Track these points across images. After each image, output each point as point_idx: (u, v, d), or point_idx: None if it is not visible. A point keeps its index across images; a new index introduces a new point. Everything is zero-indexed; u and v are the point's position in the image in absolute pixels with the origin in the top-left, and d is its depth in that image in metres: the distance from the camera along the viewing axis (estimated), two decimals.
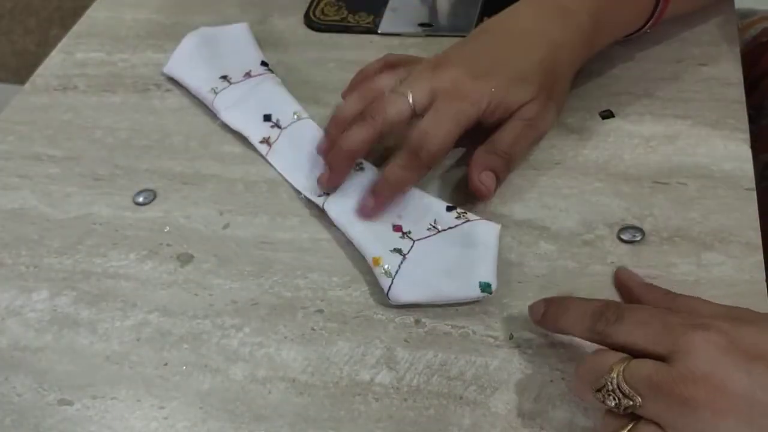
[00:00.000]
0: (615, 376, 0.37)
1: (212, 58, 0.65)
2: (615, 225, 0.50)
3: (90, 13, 0.75)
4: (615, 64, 0.61)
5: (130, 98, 0.65)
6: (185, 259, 0.52)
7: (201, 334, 0.48)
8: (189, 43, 0.67)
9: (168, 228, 0.54)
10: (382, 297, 0.48)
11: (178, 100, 0.64)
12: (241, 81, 0.62)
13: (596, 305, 0.41)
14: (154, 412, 0.44)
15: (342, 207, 0.52)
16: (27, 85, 0.67)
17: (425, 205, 0.52)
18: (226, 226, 0.54)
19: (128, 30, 0.72)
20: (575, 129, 0.57)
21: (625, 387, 0.36)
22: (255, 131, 0.59)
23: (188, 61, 0.66)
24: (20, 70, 1.77)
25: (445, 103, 0.50)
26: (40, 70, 0.69)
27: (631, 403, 0.36)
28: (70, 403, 0.45)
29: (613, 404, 0.37)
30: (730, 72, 0.59)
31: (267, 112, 0.59)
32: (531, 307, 0.45)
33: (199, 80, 0.63)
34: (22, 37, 1.76)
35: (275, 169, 0.57)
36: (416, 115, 0.51)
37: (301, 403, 0.44)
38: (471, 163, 0.52)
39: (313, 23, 0.70)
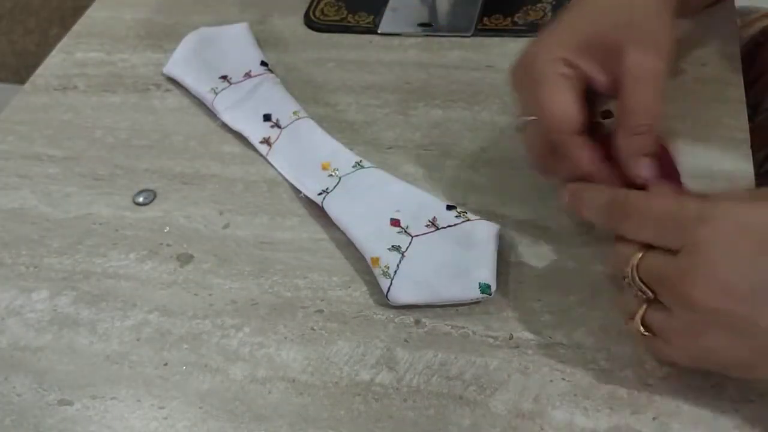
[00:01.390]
0: (630, 270, 0.39)
1: (212, 59, 0.65)
2: None
3: (90, 13, 0.75)
4: None
5: (130, 98, 0.65)
6: (185, 259, 0.52)
7: (201, 334, 0.48)
8: (188, 43, 0.67)
9: (168, 228, 0.54)
10: (381, 297, 0.48)
11: (178, 100, 0.64)
12: (241, 81, 0.62)
13: (604, 200, 0.42)
14: (154, 412, 0.44)
15: (341, 204, 0.52)
16: (27, 85, 0.67)
17: (424, 201, 0.52)
18: (226, 226, 0.54)
19: (128, 30, 0.72)
20: None
21: (638, 282, 0.39)
22: (255, 131, 0.59)
23: (188, 61, 0.66)
24: (20, 70, 1.77)
25: None
26: (40, 70, 0.69)
27: (645, 296, 0.39)
28: (70, 403, 0.45)
29: (634, 293, 0.40)
30: (730, 72, 0.59)
31: (267, 112, 0.60)
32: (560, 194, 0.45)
33: (198, 80, 0.64)
34: (22, 37, 1.76)
35: (275, 168, 0.57)
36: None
37: (300, 403, 0.44)
38: (618, 152, 0.45)
39: (313, 23, 0.70)
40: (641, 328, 0.40)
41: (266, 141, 0.58)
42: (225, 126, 0.60)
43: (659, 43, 0.45)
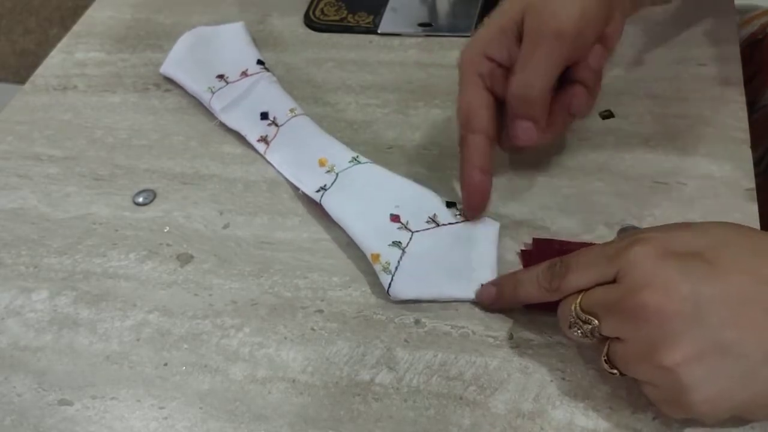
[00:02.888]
0: (573, 308, 0.40)
1: (208, 58, 0.65)
2: (615, 225, 0.50)
3: (90, 12, 0.75)
4: (615, 64, 0.61)
5: (130, 98, 0.65)
6: (185, 259, 0.52)
7: (201, 334, 0.48)
8: (185, 42, 0.67)
9: (168, 228, 0.54)
10: (382, 297, 0.48)
11: (178, 100, 0.64)
12: (238, 80, 0.62)
13: (543, 267, 0.43)
14: (154, 412, 0.44)
15: (339, 200, 0.52)
16: (27, 85, 0.67)
17: (423, 195, 0.52)
18: (226, 226, 0.54)
19: (128, 30, 0.72)
20: (575, 129, 0.57)
21: (581, 314, 0.40)
22: (252, 130, 0.59)
23: (184, 60, 0.65)
24: (20, 70, 1.77)
25: None
26: (40, 70, 0.69)
27: (590, 326, 0.39)
28: (70, 403, 0.45)
29: (579, 333, 0.40)
30: (729, 72, 0.59)
31: (264, 110, 0.60)
32: (480, 294, 0.47)
33: (195, 79, 0.63)
34: (22, 36, 1.76)
35: (273, 166, 0.57)
36: None
37: (301, 403, 0.44)
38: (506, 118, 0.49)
39: (312, 23, 0.70)
40: (606, 367, 0.40)
41: (263, 139, 0.58)
42: (224, 126, 0.60)
43: (561, 13, 0.46)
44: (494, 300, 0.46)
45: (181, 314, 0.49)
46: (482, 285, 0.47)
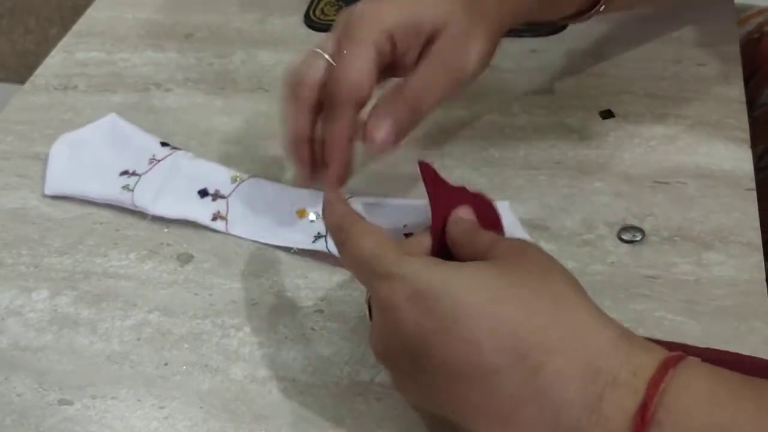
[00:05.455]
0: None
1: (98, 160, 0.58)
2: (615, 225, 0.50)
3: (90, 12, 0.75)
4: (615, 64, 0.61)
5: (130, 98, 0.65)
6: (185, 258, 0.52)
7: (201, 334, 0.48)
8: (60, 154, 0.59)
9: (168, 228, 0.54)
10: None
11: (178, 100, 0.64)
12: (151, 168, 0.56)
13: (335, 221, 0.42)
14: (155, 411, 0.44)
15: None
16: (27, 85, 0.67)
17: (423, 208, 0.51)
18: None
19: (128, 30, 0.72)
20: (575, 129, 0.57)
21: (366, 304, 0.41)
22: (199, 211, 0.54)
23: (71, 172, 0.58)
24: (20, 70, 1.77)
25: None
26: (40, 69, 0.69)
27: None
28: (70, 403, 0.45)
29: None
30: (729, 72, 0.59)
31: (200, 188, 0.55)
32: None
33: (101, 186, 0.56)
34: (22, 36, 1.76)
35: (244, 239, 0.53)
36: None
37: (301, 403, 0.44)
38: (371, 111, 0.46)
39: (313, 23, 0.70)
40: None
41: (217, 216, 0.53)
42: (225, 126, 0.60)
43: (478, 42, 0.45)
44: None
45: (181, 314, 0.49)
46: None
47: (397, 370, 0.39)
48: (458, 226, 0.42)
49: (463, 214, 0.42)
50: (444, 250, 0.42)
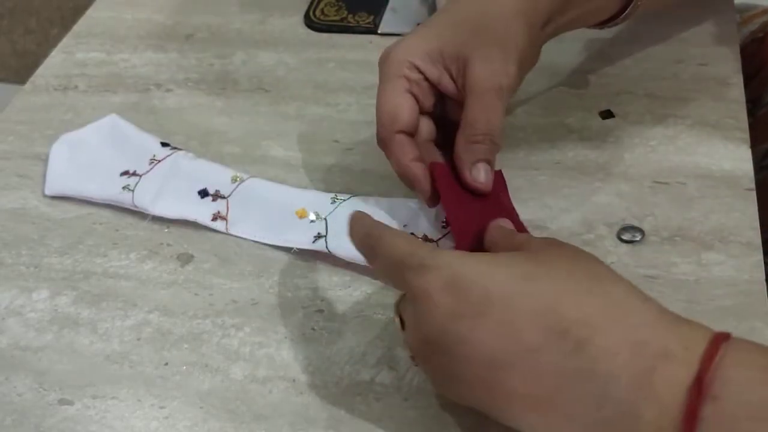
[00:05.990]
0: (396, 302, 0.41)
1: (100, 160, 0.58)
2: (615, 225, 0.50)
3: (90, 13, 0.75)
4: (615, 64, 0.61)
5: (130, 98, 0.65)
6: (185, 258, 0.52)
7: (201, 334, 0.48)
8: (60, 154, 0.59)
9: (168, 228, 0.54)
10: (382, 297, 0.48)
11: (179, 101, 0.64)
12: (151, 169, 0.56)
13: (363, 233, 0.42)
14: (155, 411, 0.44)
15: (347, 242, 0.44)
16: (27, 85, 0.67)
17: (419, 217, 0.51)
18: None
19: (128, 30, 0.72)
20: (575, 129, 0.57)
21: (396, 311, 0.41)
22: (199, 211, 0.54)
23: (72, 172, 0.58)
24: (20, 70, 1.77)
25: None
26: (40, 70, 0.69)
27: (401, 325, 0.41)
28: (70, 403, 0.45)
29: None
30: (729, 72, 0.59)
31: (200, 188, 0.55)
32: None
33: (101, 186, 0.56)
34: (23, 37, 1.76)
35: (245, 239, 0.53)
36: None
37: (301, 403, 0.44)
38: (456, 159, 0.47)
39: (313, 23, 0.70)
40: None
41: (217, 216, 0.53)
42: (225, 125, 0.60)
43: (505, 55, 0.47)
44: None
45: (181, 314, 0.49)
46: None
47: (433, 363, 0.38)
48: (498, 231, 0.43)
49: (504, 223, 0.43)
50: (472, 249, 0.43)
